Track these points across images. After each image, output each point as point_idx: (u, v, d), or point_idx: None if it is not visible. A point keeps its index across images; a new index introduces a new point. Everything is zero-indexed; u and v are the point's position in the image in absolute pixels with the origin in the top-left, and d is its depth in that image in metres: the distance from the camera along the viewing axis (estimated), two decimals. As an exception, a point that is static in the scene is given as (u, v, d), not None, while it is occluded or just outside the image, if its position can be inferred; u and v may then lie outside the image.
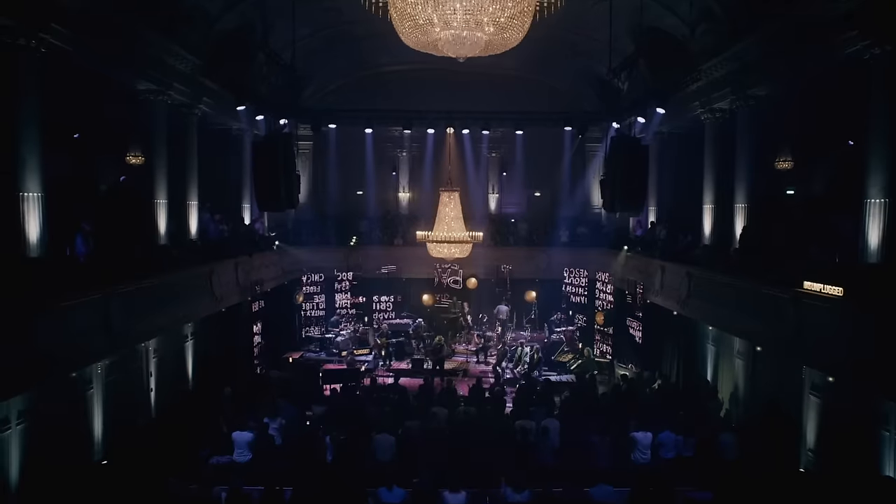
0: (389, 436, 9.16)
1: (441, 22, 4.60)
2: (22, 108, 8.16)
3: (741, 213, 11.92)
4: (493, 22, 4.61)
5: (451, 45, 4.89)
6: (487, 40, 4.82)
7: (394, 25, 5.10)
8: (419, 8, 4.66)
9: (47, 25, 8.22)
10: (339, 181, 20.27)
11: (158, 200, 11.85)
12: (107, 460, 9.63)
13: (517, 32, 4.86)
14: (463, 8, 4.49)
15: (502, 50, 5.01)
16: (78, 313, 7.84)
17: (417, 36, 4.90)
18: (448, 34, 4.69)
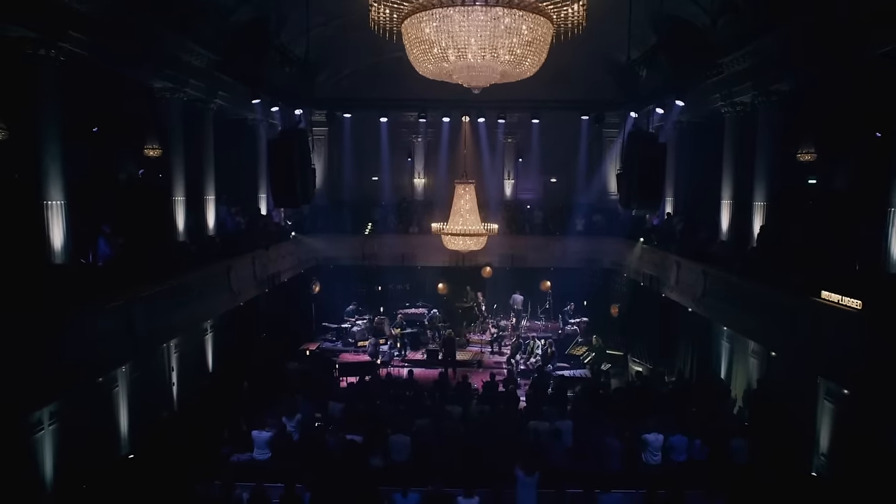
0: (404, 436, 9.36)
1: (455, 55, 4.57)
2: (43, 117, 8.29)
3: (760, 211, 11.75)
4: (508, 52, 4.56)
5: (465, 77, 4.86)
6: (502, 70, 4.78)
7: (407, 54, 5.08)
8: (432, 39, 4.63)
9: (66, 34, 8.27)
10: (354, 167, 20.33)
11: (176, 198, 11.98)
12: (133, 454, 10.00)
13: (532, 65, 4.81)
14: (477, 42, 4.45)
15: (517, 79, 4.96)
16: (102, 320, 8.05)
17: (430, 67, 4.87)
18: (462, 67, 4.65)
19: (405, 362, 15.72)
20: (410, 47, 4.96)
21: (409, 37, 4.88)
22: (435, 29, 4.54)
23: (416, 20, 4.58)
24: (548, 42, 4.88)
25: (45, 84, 8.24)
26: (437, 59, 4.68)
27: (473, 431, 9.77)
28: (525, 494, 8.34)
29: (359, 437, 9.36)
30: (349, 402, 10.75)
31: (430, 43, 4.68)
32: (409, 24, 4.69)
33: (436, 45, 4.64)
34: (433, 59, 4.72)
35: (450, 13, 4.36)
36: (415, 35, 4.75)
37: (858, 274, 8.65)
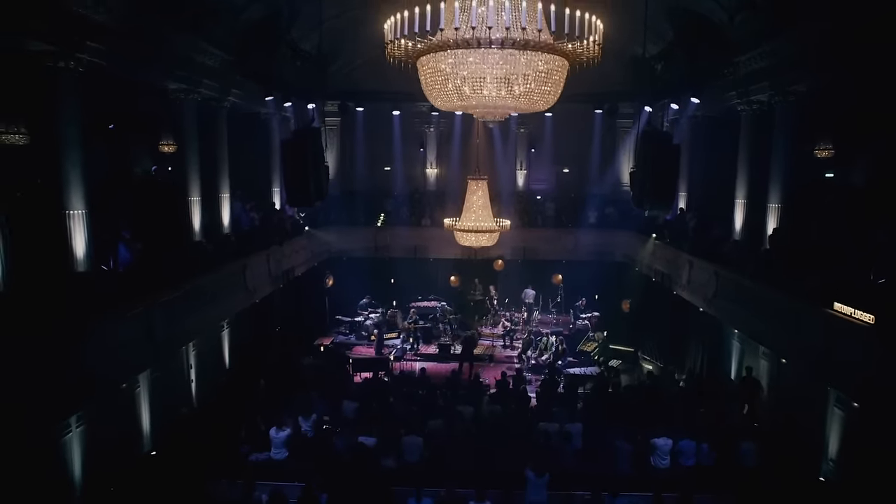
0: (417, 437, 9.58)
1: (470, 89, 4.60)
2: (63, 128, 8.43)
3: (774, 212, 11.69)
4: (523, 88, 4.58)
5: (481, 112, 4.89)
6: (516, 106, 4.81)
7: (422, 87, 5.12)
8: (448, 73, 4.66)
9: (84, 45, 8.35)
10: (366, 157, 20.38)
11: (192, 197, 12.14)
12: (155, 451, 10.33)
13: (547, 101, 4.83)
14: (492, 79, 4.47)
15: (532, 111, 4.98)
16: (123, 328, 8.27)
17: (444, 102, 4.91)
18: (477, 101, 4.69)
19: (417, 356, 15.93)
20: (425, 80, 5.00)
21: (424, 70, 4.91)
22: (451, 65, 4.57)
23: (431, 56, 4.62)
24: (563, 78, 4.90)
25: (64, 95, 8.37)
26: (452, 93, 4.72)
27: (485, 432, 9.96)
28: (535, 496, 8.55)
29: (372, 439, 9.58)
30: (363, 401, 10.96)
31: (446, 77, 4.72)
32: (425, 58, 4.72)
33: (451, 79, 4.68)
34: (448, 92, 4.76)
35: (466, 53, 4.39)
36: (430, 68, 4.78)
37: (873, 284, 8.60)
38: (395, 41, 4.62)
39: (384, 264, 18.82)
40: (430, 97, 5.20)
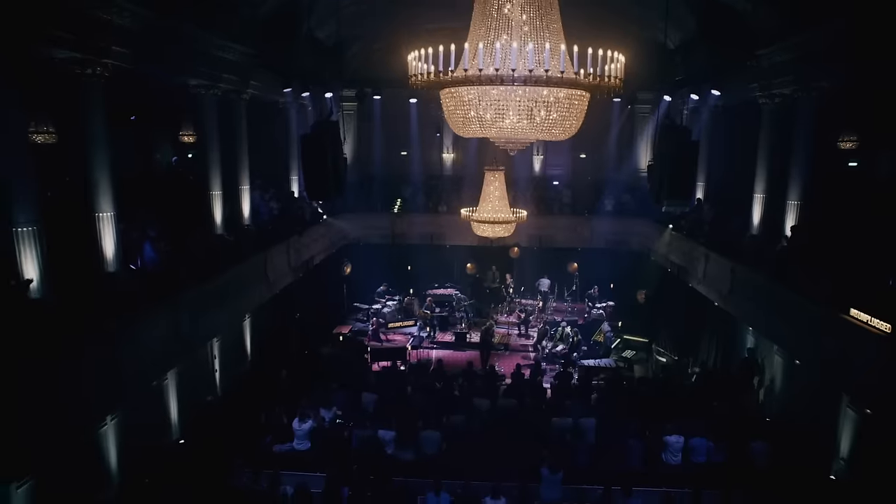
0: (434, 432, 9.88)
1: (492, 117, 4.68)
2: (90, 133, 8.62)
3: (793, 210, 11.62)
4: (545, 118, 4.65)
5: (502, 141, 4.97)
6: (536, 135, 4.87)
7: (444, 114, 5.21)
8: (469, 101, 4.74)
9: (110, 50, 8.49)
10: (383, 141, 20.45)
11: (214, 192, 12.35)
12: (183, 439, 10.76)
13: (568, 132, 4.89)
14: (515, 111, 4.54)
15: (553, 140, 5.05)
16: (153, 328, 8.58)
17: (466, 130, 4.99)
18: (499, 129, 4.77)
19: (434, 344, 16.22)
20: (447, 108, 5.07)
21: (446, 98, 4.98)
22: (475, 94, 4.64)
23: (454, 88, 4.69)
24: (585, 108, 4.95)
25: (91, 101, 8.55)
26: (474, 121, 4.80)
27: (500, 427, 10.22)
28: (549, 492, 8.83)
29: (391, 432, 9.89)
30: (381, 393, 11.26)
31: (468, 105, 4.79)
32: (447, 89, 4.80)
33: (473, 107, 4.75)
34: (469, 119, 4.84)
35: (489, 88, 4.45)
36: (453, 96, 4.85)
37: (891, 289, 8.60)
38: (419, 75, 4.70)
39: (401, 251, 19.02)
40: (451, 124, 5.28)
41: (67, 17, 7.68)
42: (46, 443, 6.52)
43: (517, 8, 4.66)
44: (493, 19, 4.71)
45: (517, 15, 4.65)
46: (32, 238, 7.34)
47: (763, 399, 12.07)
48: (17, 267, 7.25)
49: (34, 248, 7.36)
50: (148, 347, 8.40)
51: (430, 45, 4.46)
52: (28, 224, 7.29)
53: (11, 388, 5.96)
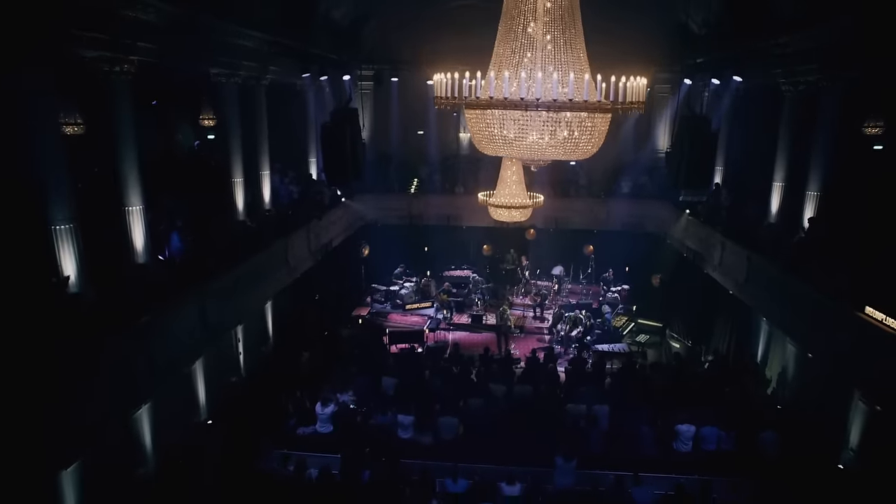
0: (452, 418, 10.24)
1: (515, 134, 4.80)
2: (120, 131, 8.85)
3: (812, 200, 11.59)
4: (567, 136, 4.76)
5: (526, 159, 5.09)
6: (557, 154, 4.98)
7: (468, 129, 5.33)
8: (493, 119, 4.85)
9: (136, 47, 8.65)
10: (399, 121, 20.46)
11: (236, 179, 12.59)
12: (210, 420, 11.25)
13: (589, 151, 4.99)
14: (538, 131, 4.66)
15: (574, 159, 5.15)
16: (182, 318, 8.93)
17: (490, 147, 5.10)
18: (519, 151, 4.89)
19: (451, 326, 16.53)
20: (471, 123, 5.19)
21: (470, 114, 5.11)
22: (498, 114, 4.75)
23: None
24: (606, 129, 5.05)
25: (120, 98, 8.75)
26: (498, 138, 4.92)
27: (516, 413, 10.54)
28: (563, 479, 9.18)
29: (410, 417, 10.27)
30: (401, 378, 11.61)
31: (491, 123, 4.91)
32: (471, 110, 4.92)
33: (496, 125, 4.87)
34: (494, 137, 4.97)
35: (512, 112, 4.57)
36: (476, 113, 4.97)
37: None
38: (444, 97, 4.83)
39: (418, 232, 19.18)
40: (475, 140, 5.41)
41: (96, 17, 7.84)
42: (89, 430, 6.92)
43: (540, 27, 4.74)
44: (518, 38, 4.79)
45: (540, 35, 4.73)
46: (69, 235, 7.65)
47: (775, 387, 12.27)
48: (55, 264, 7.57)
49: (71, 245, 7.68)
50: (178, 337, 8.77)
51: (451, 26, 4.47)
52: (65, 222, 7.60)
53: (54, 381, 6.33)
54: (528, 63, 4.76)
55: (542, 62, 4.70)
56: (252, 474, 9.12)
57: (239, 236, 11.65)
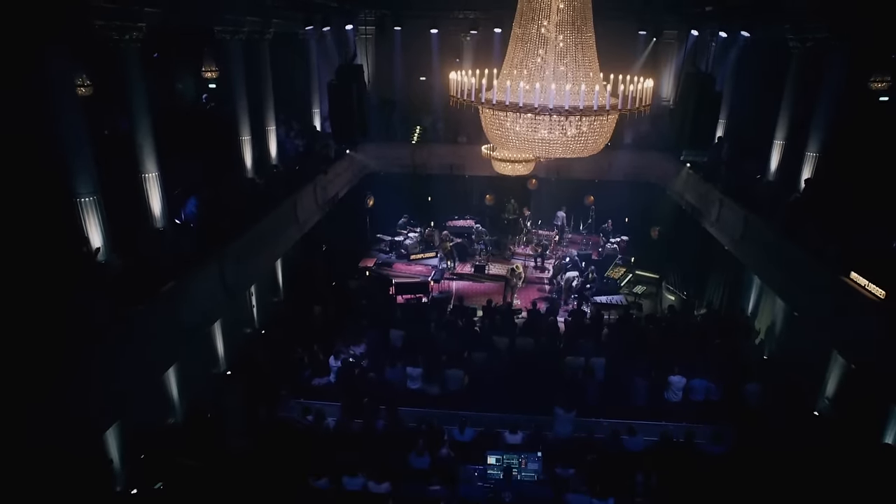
0: (458, 370, 10.92)
1: (526, 129, 5.06)
2: (133, 98, 8.99)
3: (810, 161, 11.82)
4: (577, 127, 5.02)
5: (535, 154, 5.33)
6: (566, 152, 5.23)
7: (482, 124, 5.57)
8: (506, 118, 5.10)
9: (143, 12, 8.65)
10: (402, 66, 20.23)
11: (243, 137, 12.73)
12: (229, 371, 11.96)
13: (594, 149, 5.24)
14: (547, 129, 4.91)
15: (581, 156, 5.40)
16: (202, 282, 9.38)
17: (502, 144, 5.34)
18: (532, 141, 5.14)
19: (454, 275, 17.07)
20: (485, 119, 5.42)
21: (484, 111, 5.33)
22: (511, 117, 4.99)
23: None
24: (613, 126, 5.28)
25: (130, 65, 8.84)
26: (511, 135, 5.18)
27: (518, 365, 11.23)
28: (562, 428, 9.95)
29: (418, 369, 10.95)
30: (408, 330, 12.23)
31: (503, 120, 5.15)
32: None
33: (509, 120, 5.12)
34: (506, 132, 5.22)
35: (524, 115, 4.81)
36: (490, 113, 5.21)
37: (892, 256, 9.07)
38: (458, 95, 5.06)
39: (421, 182, 19.38)
40: (489, 135, 5.65)
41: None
42: (125, 393, 7.51)
43: (553, 27, 4.90)
44: (531, 37, 4.96)
45: (553, 34, 4.90)
46: (94, 207, 7.98)
47: (763, 339, 12.95)
48: (83, 235, 7.94)
49: (97, 216, 8.02)
50: (200, 300, 9.24)
51: None
52: (89, 194, 7.91)
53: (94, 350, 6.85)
54: (540, 63, 4.96)
55: (554, 62, 4.90)
56: (274, 423, 9.86)
57: (250, 196, 11.93)
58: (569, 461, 8.70)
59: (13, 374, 5.65)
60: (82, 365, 6.60)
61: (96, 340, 6.81)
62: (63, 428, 6.30)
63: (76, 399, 6.46)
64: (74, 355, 6.48)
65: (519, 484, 8.37)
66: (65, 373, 6.28)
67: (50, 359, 6.07)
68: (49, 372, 6.05)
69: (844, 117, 11.97)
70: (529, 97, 4.59)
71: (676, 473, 8.46)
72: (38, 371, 5.91)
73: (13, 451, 5.61)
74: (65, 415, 6.28)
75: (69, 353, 6.38)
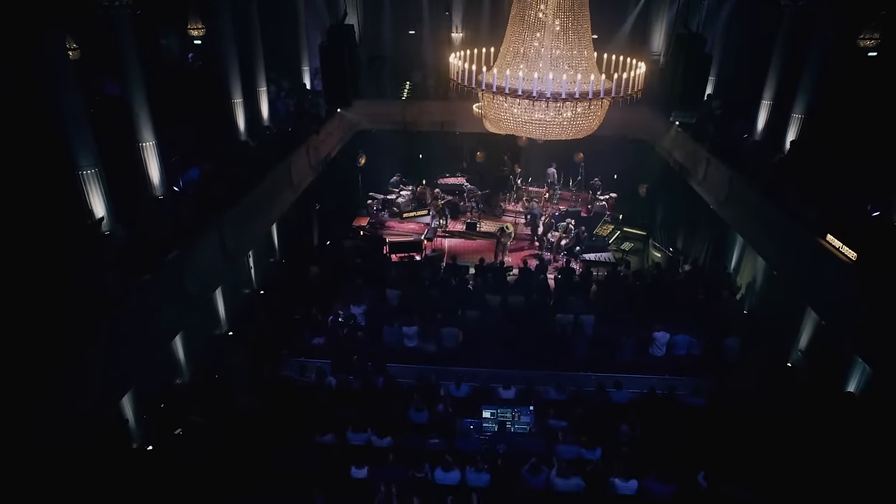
0: (452, 328, 11.38)
1: (520, 116, 5.26)
2: (127, 66, 8.96)
3: (795, 123, 12.07)
4: (571, 109, 5.23)
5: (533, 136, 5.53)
6: (561, 134, 5.45)
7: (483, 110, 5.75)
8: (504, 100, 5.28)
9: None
10: (390, 19, 19.90)
11: (235, 100, 12.67)
12: (231, 332, 12.36)
13: (587, 131, 5.45)
14: (542, 111, 5.10)
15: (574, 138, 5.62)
16: (204, 248, 9.61)
17: (500, 127, 5.52)
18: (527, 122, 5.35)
19: (446, 233, 17.37)
20: (485, 103, 5.60)
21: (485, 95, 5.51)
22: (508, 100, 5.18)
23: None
24: (606, 108, 5.49)
25: (122, 33, 8.78)
26: (508, 115, 5.38)
27: (510, 322, 11.70)
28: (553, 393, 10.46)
29: (414, 328, 11.39)
30: (403, 290, 12.61)
31: (502, 102, 5.34)
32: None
33: (506, 104, 5.31)
34: (504, 113, 5.43)
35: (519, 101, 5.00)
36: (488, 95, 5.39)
37: (866, 219, 9.50)
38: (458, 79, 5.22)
39: (411, 139, 19.36)
40: (487, 117, 5.85)
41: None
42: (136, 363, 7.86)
43: (550, 12, 5.04)
44: (529, 21, 5.10)
45: (550, 19, 5.04)
46: (96, 179, 8.12)
47: (744, 293, 13.52)
48: (86, 206, 8.11)
49: (98, 187, 8.17)
50: (203, 267, 9.50)
51: None
52: (90, 167, 8.04)
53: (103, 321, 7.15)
54: (538, 46, 5.12)
55: (551, 47, 5.06)
56: (278, 382, 10.33)
57: (245, 160, 12.00)
58: (559, 415, 9.27)
59: (31, 350, 5.94)
60: (97, 337, 6.90)
61: (107, 312, 7.09)
62: (79, 398, 6.65)
63: (90, 372, 6.78)
64: (88, 328, 6.76)
65: (512, 436, 8.95)
66: (78, 345, 6.57)
67: (64, 332, 6.35)
68: (63, 345, 6.33)
69: (832, 79, 12.17)
70: (527, 84, 4.78)
71: (659, 424, 9.08)
72: (53, 345, 6.18)
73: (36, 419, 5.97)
74: (81, 387, 6.61)
75: (82, 325, 6.66)
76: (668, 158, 16.48)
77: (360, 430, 8.68)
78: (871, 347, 8.21)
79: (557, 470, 7.69)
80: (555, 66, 5.04)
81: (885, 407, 8.32)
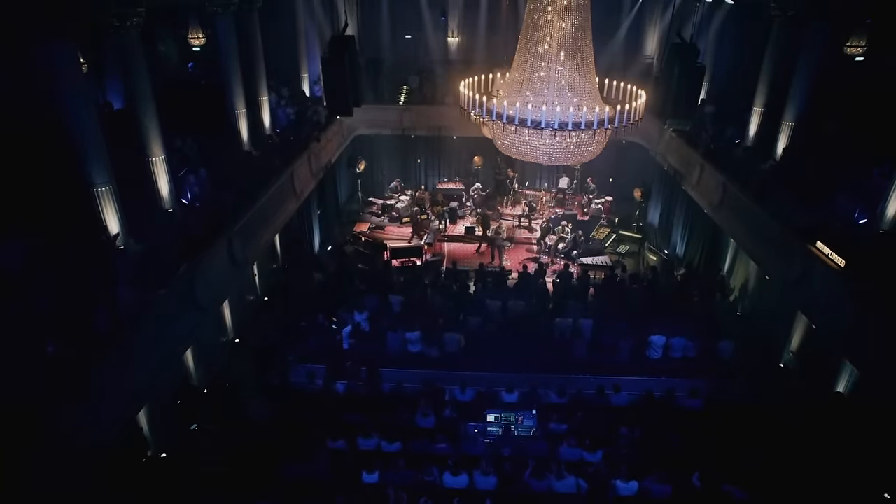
0: (455, 334, 11.67)
1: (528, 139, 5.54)
2: (136, 82, 9.16)
3: (786, 131, 12.41)
4: (575, 139, 5.52)
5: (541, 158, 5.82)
6: (566, 158, 5.74)
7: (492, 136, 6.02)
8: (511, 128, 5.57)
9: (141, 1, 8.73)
10: (388, 23, 20.12)
11: (238, 111, 12.87)
12: (238, 339, 12.60)
13: (590, 155, 5.74)
14: (549, 136, 5.39)
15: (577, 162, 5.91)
16: (214, 260, 9.85)
17: (509, 151, 5.80)
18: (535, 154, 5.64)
19: (445, 237, 17.65)
20: (494, 130, 5.89)
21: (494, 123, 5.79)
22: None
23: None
24: (609, 134, 5.78)
25: (132, 51, 8.96)
26: (516, 140, 5.66)
27: (511, 327, 12.00)
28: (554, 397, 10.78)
29: (416, 333, 11.66)
30: (405, 296, 12.88)
31: (509, 128, 5.62)
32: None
33: (513, 130, 5.59)
34: (510, 134, 5.71)
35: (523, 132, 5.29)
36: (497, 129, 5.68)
37: (854, 227, 9.85)
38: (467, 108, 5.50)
39: (409, 143, 19.63)
40: (496, 142, 6.12)
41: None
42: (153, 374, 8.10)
43: (556, 45, 5.31)
44: (535, 53, 5.37)
45: (555, 51, 5.32)
46: (110, 195, 8.32)
47: (737, 296, 13.90)
48: (101, 223, 8.32)
49: (113, 204, 8.37)
50: (212, 279, 9.73)
51: None
52: (104, 184, 8.24)
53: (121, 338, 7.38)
54: (543, 76, 5.40)
55: (555, 78, 5.35)
56: (287, 389, 10.58)
57: (249, 171, 12.22)
58: (561, 418, 9.58)
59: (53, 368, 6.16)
60: (115, 353, 7.13)
61: (125, 327, 7.34)
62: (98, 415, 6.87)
63: (108, 389, 7.00)
64: (107, 344, 6.99)
65: (516, 439, 9.26)
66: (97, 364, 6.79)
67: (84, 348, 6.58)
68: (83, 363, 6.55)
69: (821, 85, 12.50)
70: (535, 114, 5.06)
71: (657, 426, 9.41)
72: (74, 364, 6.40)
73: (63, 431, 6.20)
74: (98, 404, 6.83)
75: (101, 341, 6.90)
76: (663, 162, 16.82)
77: (369, 436, 8.96)
78: (859, 350, 8.57)
79: (556, 474, 8.01)
80: (559, 95, 5.33)
81: (871, 407, 8.69)
